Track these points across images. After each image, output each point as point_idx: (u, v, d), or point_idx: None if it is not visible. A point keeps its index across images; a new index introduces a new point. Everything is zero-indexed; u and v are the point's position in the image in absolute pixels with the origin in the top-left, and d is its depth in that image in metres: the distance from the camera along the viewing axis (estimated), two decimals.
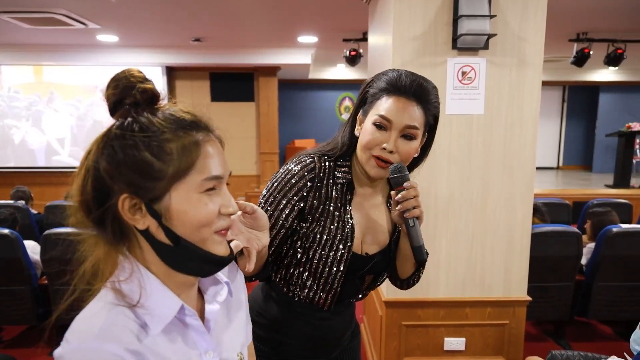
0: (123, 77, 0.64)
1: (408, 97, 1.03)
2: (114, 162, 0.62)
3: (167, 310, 0.66)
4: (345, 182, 1.12)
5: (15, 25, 4.61)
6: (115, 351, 0.59)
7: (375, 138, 1.03)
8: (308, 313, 1.18)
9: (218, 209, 0.67)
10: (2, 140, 6.91)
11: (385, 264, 1.19)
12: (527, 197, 2.21)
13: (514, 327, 2.31)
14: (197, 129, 0.66)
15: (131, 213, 0.64)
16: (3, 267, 2.74)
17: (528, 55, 2.11)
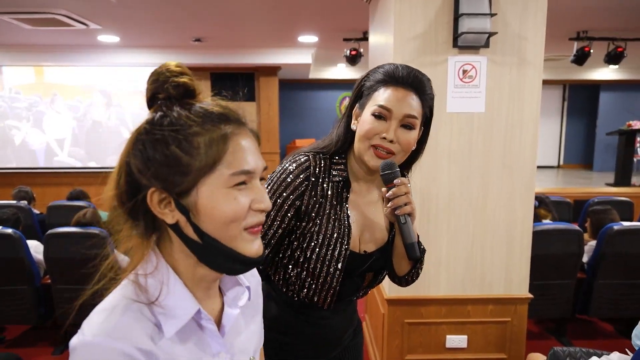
0: (160, 71, 0.65)
1: (406, 87, 1.03)
2: (143, 157, 0.62)
3: (183, 312, 0.65)
4: (341, 180, 1.11)
5: (16, 26, 4.62)
6: (126, 350, 0.59)
7: (374, 127, 1.03)
8: (308, 313, 1.17)
9: (249, 204, 0.65)
10: (3, 141, 6.93)
11: (383, 262, 1.18)
12: (528, 195, 2.22)
13: (516, 324, 2.32)
14: (226, 121, 0.65)
15: (161, 207, 0.63)
16: (6, 267, 2.75)
17: (528, 54, 2.11)
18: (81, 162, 6.98)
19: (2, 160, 6.96)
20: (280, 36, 5.53)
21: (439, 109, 2.11)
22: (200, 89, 0.67)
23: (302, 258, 1.11)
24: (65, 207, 3.83)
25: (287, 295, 1.16)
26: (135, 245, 0.66)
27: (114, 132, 6.91)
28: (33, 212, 3.83)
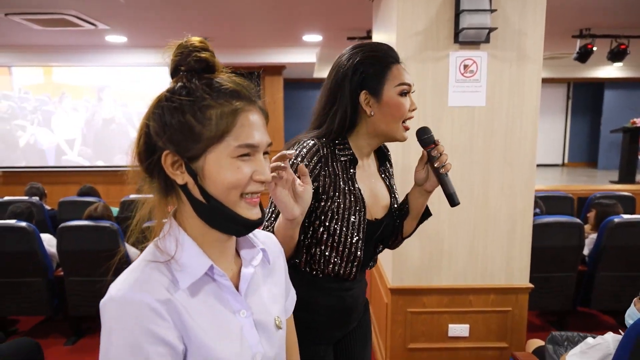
0: (184, 44, 0.71)
1: (400, 62, 1.17)
2: (160, 122, 0.69)
3: (197, 268, 0.71)
4: (348, 158, 1.19)
5: (25, 26, 4.71)
6: (147, 300, 0.65)
7: (406, 106, 1.15)
8: (334, 287, 1.23)
9: (251, 174, 0.71)
10: (13, 141, 7.04)
11: (392, 227, 1.30)
12: (528, 187, 2.27)
13: (517, 313, 2.37)
14: (238, 98, 0.71)
15: (173, 168, 0.70)
16: (20, 259, 2.84)
17: (528, 49, 2.17)
18: (89, 161, 7.08)
19: (12, 159, 7.07)
20: (284, 35, 5.59)
21: (440, 103, 2.18)
22: (219, 65, 0.74)
23: (326, 235, 1.17)
24: (76, 203, 3.92)
25: (311, 274, 1.21)
26: (155, 205, 0.74)
27: (121, 132, 6.99)
28: (44, 207, 3.92)
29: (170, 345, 0.66)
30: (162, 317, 0.66)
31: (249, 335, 0.76)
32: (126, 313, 0.64)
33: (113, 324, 0.64)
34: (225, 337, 0.73)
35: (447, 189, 1.16)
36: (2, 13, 4.17)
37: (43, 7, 4.02)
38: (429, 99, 2.18)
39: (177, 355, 0.67)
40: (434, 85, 2.18)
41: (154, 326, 0.64)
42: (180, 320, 0.68)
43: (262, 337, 0.79)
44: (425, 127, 1.18)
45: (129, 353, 0.63)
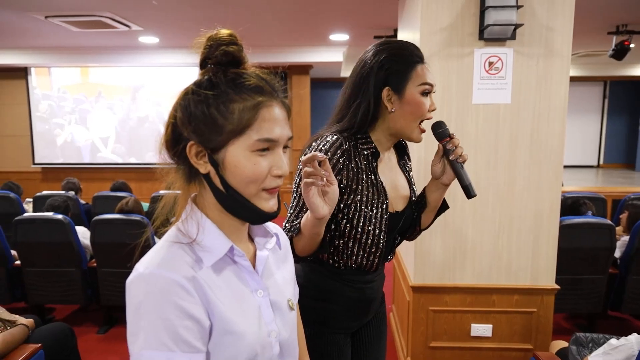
0: (213, 37, 0.74)
1: (424, 62, 1.18)
2: (186, 113, 0.73)
3: (219, 248, 0.75)
4: (371, 152, 1.21)
5: (64, 28, 4.92)
6: (174, 277, 0.69)
7: (426, 106, 1.17)
8: (356, 279, 1.25)
9: (269, 169, 0.74)
10: (51, 138, 7.35)
11: (411, 219, 1.32)
12: (555, 185, 2.23)
13: (542, 315, 2.33)
14: (260, 93, 0.73)
15: (197, 158, 0.74)
16: (57, 250, 2.97)
17: (556, 45, 2.13)
18: (122, 159, 7.32)
19: (50, 156, 7.39)
20: (311, 35, 5.63)
21: (464, 100, 2.17)
22: (246, 59, 0.77)
23: (349, 227, 1.19)
24: (109, 198, 4.07)
25: (333, 266, 1.24)
26: (181, 187, 0.78)
27: (153, 130, 7.20)
28: (79, 201, 4.09)
29: (197, 320, 0.69)
30: (189, 292, 0.69)
31: (265, 313, 0.80)
32: (155, 288, 0.67)
33: (142, 299, 0.67)
34: (245, 313, 0.76)
35: (463, 181, 1.18)
36: (43, 16, 4.37)
37: (80, 9, 4.19)
38: (453, 96, 2.17)
39: (204, 330, 0.70)
40: (458, 82, 2.16)
41: (182, 301, 0.68)
42: (205, 296, 0.71)
43: (277, 317, 0.82)
44: (440, 121, 1.19)
45: (160, 326, 0.66)
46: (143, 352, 0.66)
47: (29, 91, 7.27)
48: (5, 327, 1.83)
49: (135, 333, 0.67)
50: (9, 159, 7.51)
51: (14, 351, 1.75)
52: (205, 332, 0.71)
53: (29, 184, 7.17)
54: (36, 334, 1.97)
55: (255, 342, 0.76)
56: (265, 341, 0.78)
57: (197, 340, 0.69)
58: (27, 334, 1.88)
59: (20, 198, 4.18)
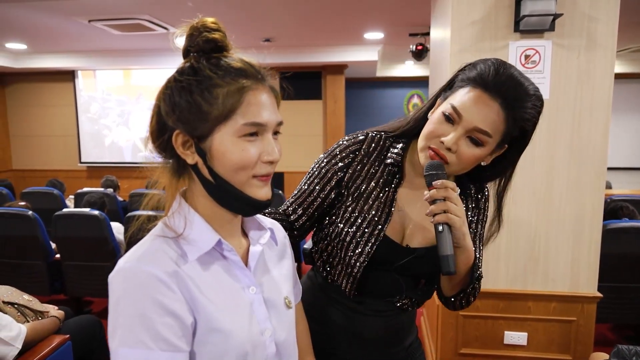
0: (196, 26, 0.72)
1: (493, 95, 0.87)
2: (170, 102, 0.70)
3: (205, 242, 0.72)
4: (393, 164, 1.04)
5: (107, 32, 5.11)
6: (154, 272, 0.66)
7: (437, 129, 0.92)
8: (340, 300, 1.11)
9: (258, 155, 0.71)
10: (98, 138, 7.67)
11: (433, 265, 1.01)
12: (598, 187, 2.08)
13: (583, 324, 2.18)
14: (245, 76, 0.71)
15: (184, 148, 0.71)
16: (93, 245, 3.07)
17: (599, 36, 1.99)
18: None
19: (97, 155, 7.72)
20: (346, 34, 5.59)
21: None
22: (230, 46, 0.74)
23: (335, 232, 1.06)
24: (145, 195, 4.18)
25: (326, 279, 1.13)
26: (168, 181, 0.75)
27: None
28: (117, 198, 4.22)
29: (178, 316, 0.66)
30: (170, 288, 0.66)
31: (258, 311, 0.76)
32: (133, 284, 0.65)
33: (121, 294, 0.65)
34: (234, 310, 0.73)
35: (439, 249, 0.88)
36: (86, 20, 4.55)
37: (120, 13, 4.33)
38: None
39: (185, 328, 0.67)
40: None
41: (162, 297, 0.65)
42: (189, 292, 0.68)
43: (272, 315, 0.79)
44: (439, 164, 0.91)
45: (137, 323, 0.63)
46: (119, 350, 0.63)
47: (76, 93, 7.61)
48: (37, 317, 1.89)
49: (113, 329, 0.65)
50: (57, 158, 7.89)
51: (43, 341, 1.81)
52: (188, 330, 0.67)
53: (75, 181, 7.51)
54: (65, 325, 2.03)
55: (244, 341, 0.72)
56: (257, 340, 0.74)
57: (178, 338, 0.66)
58: (57, 326, 1.95)
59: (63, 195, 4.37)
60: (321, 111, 7.47)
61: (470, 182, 1.08)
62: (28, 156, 7.96)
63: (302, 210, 1.11)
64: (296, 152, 7.13)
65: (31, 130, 7.87)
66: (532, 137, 0.97)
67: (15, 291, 1.91)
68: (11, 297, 1.84)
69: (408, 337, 1.17)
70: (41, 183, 6.67)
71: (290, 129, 7.28)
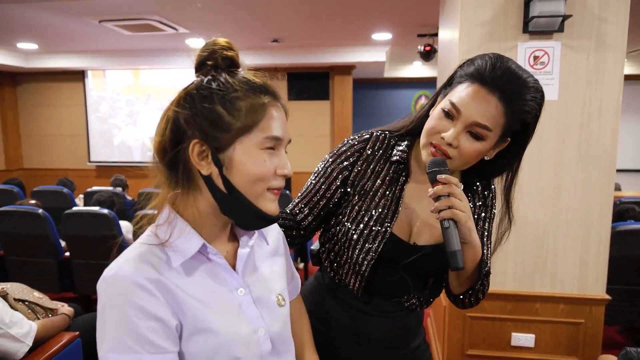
0: (212, 43, 0.76)
1: (490, 89, 0.88)
2: (191, 110, 0.72)
3: (189, 247, 0.74)
4: (399, 161, 1.04)
5: (117, 32, 5.16)
6: (134, 278, 0.68)
7: (437, 125, 0.93)
8: (347, 301, 1.10)
9: (275, 168, 0.74)
10: (109, 138, 7.74)
11: (441, 262, 1.01)
12: (607, 188, 2.07)
13: (591, 327, 2.17)
14: (265, 93, 0.74)
15: (199, 158, 0.72)
16: (102, 243, 3.10)
17: (609, 37, 1.98)
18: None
19: (107, 155, 7.79)
20: (354, 35, 5.60)
21: None
22: (243, 66, 0.77)
23: (342, 231, 1.06)
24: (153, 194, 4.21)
25: (333, 279, 1.13)
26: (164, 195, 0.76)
27: None
28: (126, 197, 4.26)
29: (161, 319, 0.68)
30: (151, 293, 0.68)
31: (248, 311, 0.78)
32: (116, 291, 0.67)
33: (106, 301, 0.68)
34: (222, 312, 0.74)
35: (447, 245, 0.88)
36: (97, 20, 4.60)
37: (131, 13, 4.37)
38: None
39: (170, 330, 0.69)
40: None
41: (143, 302, 0.67)
42: (172, 296, 0.70)
43: (264, 313, 0.80)
44: (441, 160, 0.91)
45: (122, 328, 0.66)
46: (109, 355, 0.66)
47: (85, 93, 7.69)
48: (47, 314, 1.92)
49: (101, 336, 0.67)
50: (67, 157, 7.97)
51: (53, 338, 1.83)
52: (173, 332, 0.70)
53: (84, 180, 7.58)
54: (75, 322, 2.05)
55: (234, 340, 0.74)
56: (250, 338, 0.76)
57: (163, 340, 0.68)
58: (67, 323, 1.97)
59: (73, 193, 4.41)
60: (329, 112, 7.48)
61: (477, 178, 1.07)
62: (38, 155, 8.05)
63: (308, 209, 1.11)
64: (303, 153, 7.14)
65: (42, 129, 7.96)
66: (535, 130, 0.97)
67: (26, 288, 1.93)
68: (22, 295, 1.87)
69: (415, 339, 1.17)
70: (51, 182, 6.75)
71: (298, 129, 7.30)
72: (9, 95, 7.76)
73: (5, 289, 1.79)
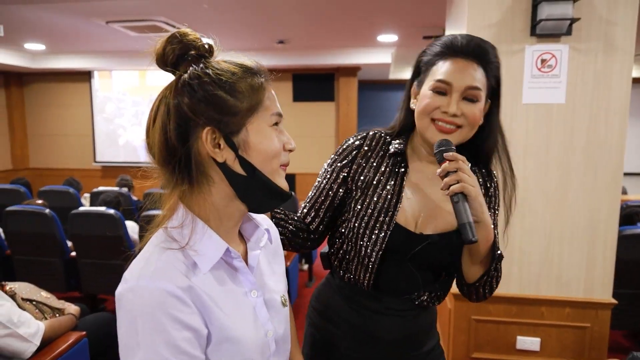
0: (182, 33, 0.72)
1: (466, 57, 0.97)
2: (194, 99, 0.70)
3: (214, 252, 0.72)
4: (397, 153, 1.07)
5: (124, 33, 5.19)
6: (167, 288, 0.65)
7: (433, 101, 0.98)
8: (357, 299, 1.10)
9: (282, 144, 0.76)
10: (114, 138, 7.78)
11: (449, 253, 1.03)
12: (614, 191, 2.06)
13: (597, 331, 2.16)
14: (259, 73, 0.75)
15: (213, 146, 0.70)
16: (107, 243, 3.12)
17: (617, 41, 1.97)
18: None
19: (112, 155, 7.82)
20: (359, 36, 5.60)
21: (514, 100, 2.06)
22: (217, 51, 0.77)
23: (349, 227, 1.08)
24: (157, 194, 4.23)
25: (342, 278, 1.13)
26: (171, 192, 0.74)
27: None
28: (132, 197, 4.27)
29: (195, 329, 0.67)
30: (185, 303, 0.67)
31: (260, 313, 0.78)
32: (150, 301, 0.64)
33: (137, 312, 0.65)
34: (242, 317, 0.74)
35: (459, 219, 0.90)
36: (104, 21, 4.62)
37: (137, 14, 4.40)
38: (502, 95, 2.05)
39: (202, 339, 0.69)
40: (507, 81, 2.03)
41: (178, 313, 0.65)
42: (202, 304, 0.69)
43: (272, 315, 0.81)
44: (447, 140, 0.97)
45: (159, 340, 0.64)
46: None
47: (92, 93, 7.73)
48: (54, 314, 1.93)
49: (131, 348, 0.65)
50: (73, 157, 8.02)
51: (60, 338, 1.85)
52: (204, 340, 0.69)
53: (90, 180, 7.62)
54: (82, 322, 2.06)
55: (253, 345, 0.74)
56: (263, 341, 0.76)
57: (195, 349, 0.68)
58: (74, 323, 1.98)
59: (79, 193, 4.43)
60: (334, 113, 7.48)
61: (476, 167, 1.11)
62: (45, 155, 8.10)
63: (314, 212, 1.13)
64: (308, 154, 7.15)
65: (48, 129, 8.01)
66: None
67: (33, 288, 1.95)
68: (30, 294, 1.88)
69: (428, 340, 1.15)
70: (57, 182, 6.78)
71: (303, 130, 7.30)
72: (16, 95, 7.82)
73: (13, 288, 1.80)
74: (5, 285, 1.81)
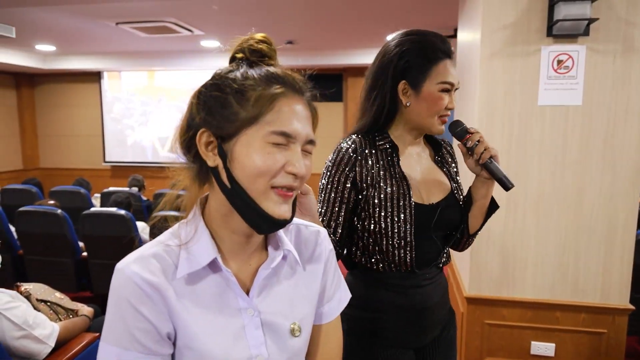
0: (246, 37, 0.75)
1: (449, 56, 1.14)
2: (202, 97, 0.71)
3: (200, 259, 0.70)
4: (389, 146, 1.19)
5: (133, 34, 5.21)
6: (135, 278, 0.67)
7: (445, 101, 1.14)
8: (398, 282, 1.19)
9: (283, 163, 0.67)
10: (123, 138, 7.82)
11: (455, 213, 1.22)
12: (632, 195, 2.03)
13: (613, 337, 2.12)
14: (280, 84, 0.70)
15: (206, 149, 0.70)
16: (119, 244, 3.13)
17: (636, 41, 1.94)
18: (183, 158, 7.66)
19: (120, 155, 7.86)
20: (368, 36, 5.58)
21: (529, 101, 2.03)
22: (275, 60, 0.75)
23: (373, 223, 1.15)
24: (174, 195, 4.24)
25: (373, 270, 1.19)
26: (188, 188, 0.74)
27: None
28: (142, 198, 4.29)
29: (151, 323, 0.67)
30: (149, 296, 0.67)
31: (250, 335, 0.72)
32: (120, 284, 0.67)
33: (111, 292, 0.68)
34: (217, 331, 0.70)
35: (496, 175, 1.14)
36: (114, 22, 4.64)
37: (147, 15, 4.41)
38: (517, 97, 2.03)
39: (160, 336, 0.68)
40: (523, 82, 2.03)
41: (138, 303, 0.67)
42: (169, 306, 0.68)
43: (270, 340, 0.74)
44: (456, 120, 1.17)
45: (117, 322, 0.67)
46: (102, 344, 0.67)
47: (101, 94, 7.77)
48: (68, 315, 1.94)
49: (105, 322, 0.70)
50: (82, 157, 8.07)
51: (74, 339, 1.85)
52: (163, 337, 0.69)
53: (99, 180, 7.66)
54: (95, 323, 2.07)
55: None
56: None
57: (154, 342, 0.68)
58: (88, 324, 1.98)
59: (90, 193, 4.46)
60: (342, 113, 7.47)
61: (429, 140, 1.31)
62: (55, 155, 8.16)
63: (334, 223, 1.17)
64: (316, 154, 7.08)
65: (58, 129, 8.07)
66: None
67: (47, 289, 1.95)
68: (44, 295, 1.89)
69: (448, 297, 1.32)
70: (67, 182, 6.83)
71: None
72: (27, 95, 7.88)
73: (28, 289, 1.80)
74: (21, 286, 1.81)
